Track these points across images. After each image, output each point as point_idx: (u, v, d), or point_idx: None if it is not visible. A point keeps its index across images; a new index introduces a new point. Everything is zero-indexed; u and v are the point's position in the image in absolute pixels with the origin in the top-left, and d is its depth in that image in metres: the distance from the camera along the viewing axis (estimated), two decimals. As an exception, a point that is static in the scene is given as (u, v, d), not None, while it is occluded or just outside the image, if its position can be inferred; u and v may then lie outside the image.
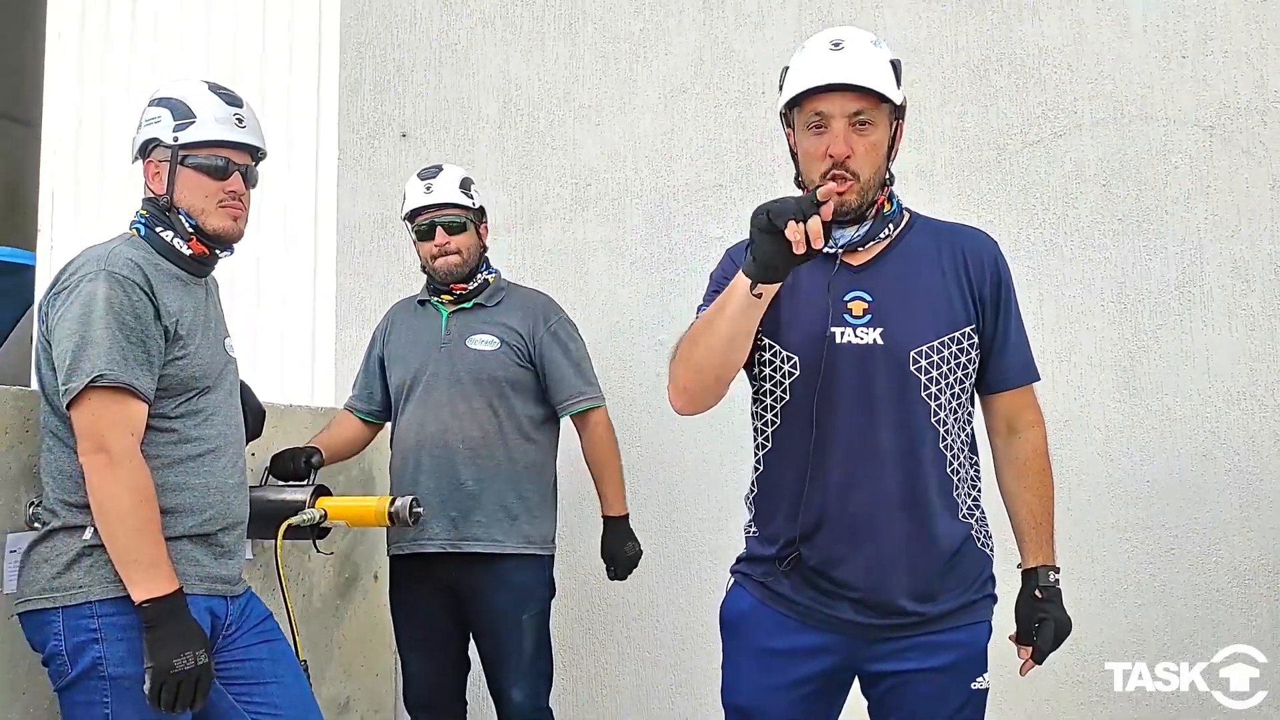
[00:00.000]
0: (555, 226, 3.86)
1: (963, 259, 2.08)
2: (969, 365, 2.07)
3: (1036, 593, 2.10)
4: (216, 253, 2.34)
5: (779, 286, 1.88)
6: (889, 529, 2.00)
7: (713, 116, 3.73)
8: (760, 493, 2.13)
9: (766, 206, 1.75)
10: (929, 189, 3.37)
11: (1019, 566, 2.15)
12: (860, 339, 2.02)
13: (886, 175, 2.06)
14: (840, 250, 2.05)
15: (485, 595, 3.06)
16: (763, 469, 2.13)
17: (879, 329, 2.02)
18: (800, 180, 2.06)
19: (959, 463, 2.06)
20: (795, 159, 2.07)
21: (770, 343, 2.07)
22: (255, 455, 2.74)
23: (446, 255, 3.12)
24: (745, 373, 2.10)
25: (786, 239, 1.72)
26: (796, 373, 2.04)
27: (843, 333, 2.02)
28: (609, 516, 3.19)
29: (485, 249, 3.23)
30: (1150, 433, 3.29)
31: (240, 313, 3.71)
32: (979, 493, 2.12)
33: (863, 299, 2.03)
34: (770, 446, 2.11)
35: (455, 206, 3.13)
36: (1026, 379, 2.16)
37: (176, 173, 2.27)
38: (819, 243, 1.73)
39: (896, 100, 2.02)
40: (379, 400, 3.26)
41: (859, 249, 2.06)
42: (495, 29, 3.99)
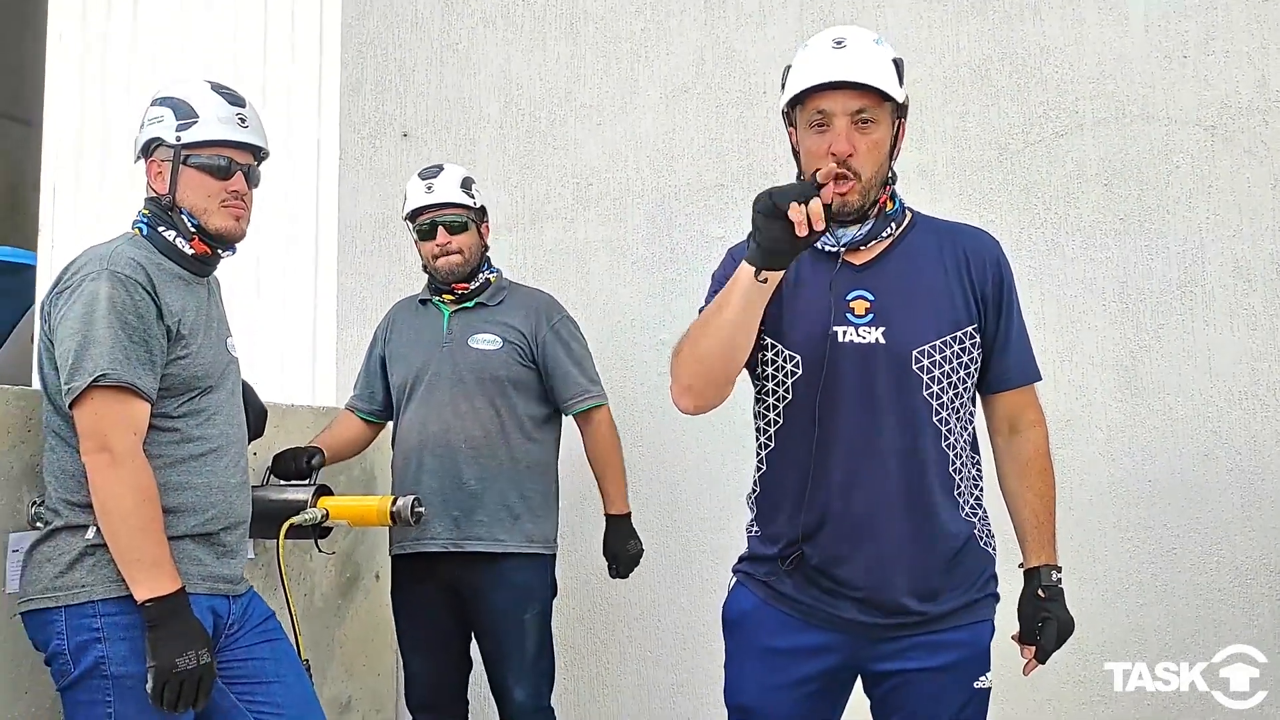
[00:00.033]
0: (556, 226, 3.86)
1: (965, 258, 2.08)
2: (971, 365, 2.07)
3: (1039, 592, 2.10)
4: (219, 252, 2.34)
5: (781, 276, 1.89)
6: (891, 528, 2.00)
7: (714, 116, 3.73)
8: (762, 492, 2.13)
9: (769, 191, 1.78)
10: (930, 188, 3.37)
11: (1021, 566, 2.15)
12: (862, 338, 2.02)
13: (889, 174, 2.05)
14: (842, 249, 2.05)
15: (487, 595, 3.06)
16: (765, 468, 2.13)
17: (881, 328, 2.02)
18: (802, 179, 2.05)
19: (961, 462, 2.06)
20: (797, 158, 2.07)
21: (773, 342, 2.07)
22: (257, 455, 2.74)
23: (448, 255, 3.12)
24: (748, 372, 2.10)
25: (789, 222, 1.74)
26: (799, 372, 2.04)
27: (845, 332, 2.02)
28: (611, 515, 3.19)
29: (487, 248, 3.23)
30: (1152, 432, 3.29)
31: (241, 312, 3.69)
32: (981, 492, 2.12)
33: (865, 298, 2.03)
34: (772, 446, 2.11)
35: (456, 206, 3.13)
36: (1028, 379, 2.17)
37: (179, 172, 2.27)
38: (820, 224, 1.75)
39: (899, 98, 2.02)
40: (380, 400, 3.26)
41: (861, 248, 2.06)
42: (497, 29, 3.99)
